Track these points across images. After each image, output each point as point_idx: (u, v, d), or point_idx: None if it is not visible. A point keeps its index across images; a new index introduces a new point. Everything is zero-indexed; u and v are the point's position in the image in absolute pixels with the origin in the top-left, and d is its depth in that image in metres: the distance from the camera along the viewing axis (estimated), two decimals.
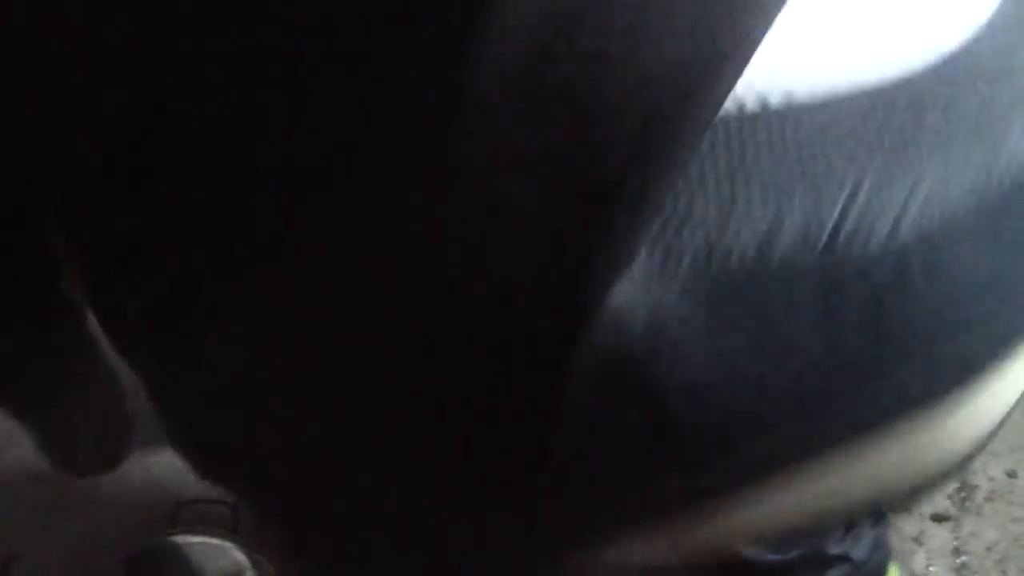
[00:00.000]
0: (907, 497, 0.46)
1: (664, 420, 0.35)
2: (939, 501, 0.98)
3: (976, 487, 1.00)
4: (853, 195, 0.35)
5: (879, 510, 0.56)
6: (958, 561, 0.95)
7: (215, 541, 0.85)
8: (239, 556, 0.85)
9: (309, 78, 0.32)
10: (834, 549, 0.66)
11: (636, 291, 0.33)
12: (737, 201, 0.34)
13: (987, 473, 1.01)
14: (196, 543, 0.85)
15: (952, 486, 0.99)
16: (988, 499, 0.99)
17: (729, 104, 0.33)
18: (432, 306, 0.34)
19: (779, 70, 0.34)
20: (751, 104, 0.34)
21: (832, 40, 0.36)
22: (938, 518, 0.98)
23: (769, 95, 0.34)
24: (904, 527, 0.96)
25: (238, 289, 0.36)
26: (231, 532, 0.87)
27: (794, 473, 0.39)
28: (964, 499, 0.99)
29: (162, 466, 0.96)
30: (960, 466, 0.44)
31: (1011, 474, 1.01)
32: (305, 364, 0.37)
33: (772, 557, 0.62)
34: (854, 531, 0.67)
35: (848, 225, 0.35)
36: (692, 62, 0.31)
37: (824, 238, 0.35)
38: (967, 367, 0.39)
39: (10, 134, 0.38)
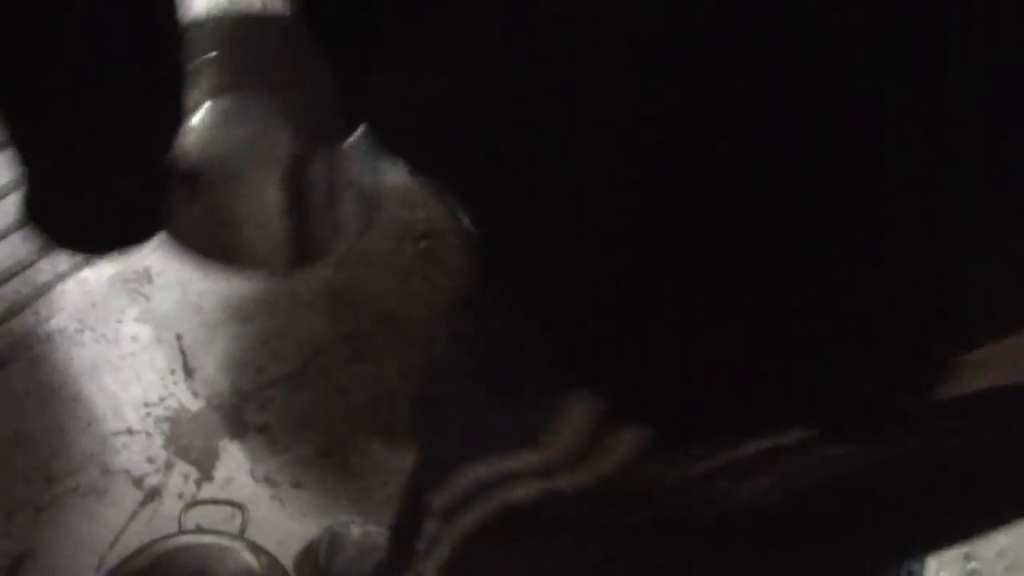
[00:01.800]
0: None
1: None
2: None
3: None
4: None
5: None
6: (968, 567, 0.95)
7: (224, 542, 0.86)
8: (248, 557, 0.85)
9: None
10: None
11: None
12: None
13: None
14: (205, 544, 0.86)
15: None
16: None
17: None
18: None
19: None
20: None
21: None
22: None
23: None
24: None
25: None
26: (240, 533, 0.88)
27: None
28: None
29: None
30: None
31: None
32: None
33: None
34: None
35: None
36: None
37: None
38: None
39: None
